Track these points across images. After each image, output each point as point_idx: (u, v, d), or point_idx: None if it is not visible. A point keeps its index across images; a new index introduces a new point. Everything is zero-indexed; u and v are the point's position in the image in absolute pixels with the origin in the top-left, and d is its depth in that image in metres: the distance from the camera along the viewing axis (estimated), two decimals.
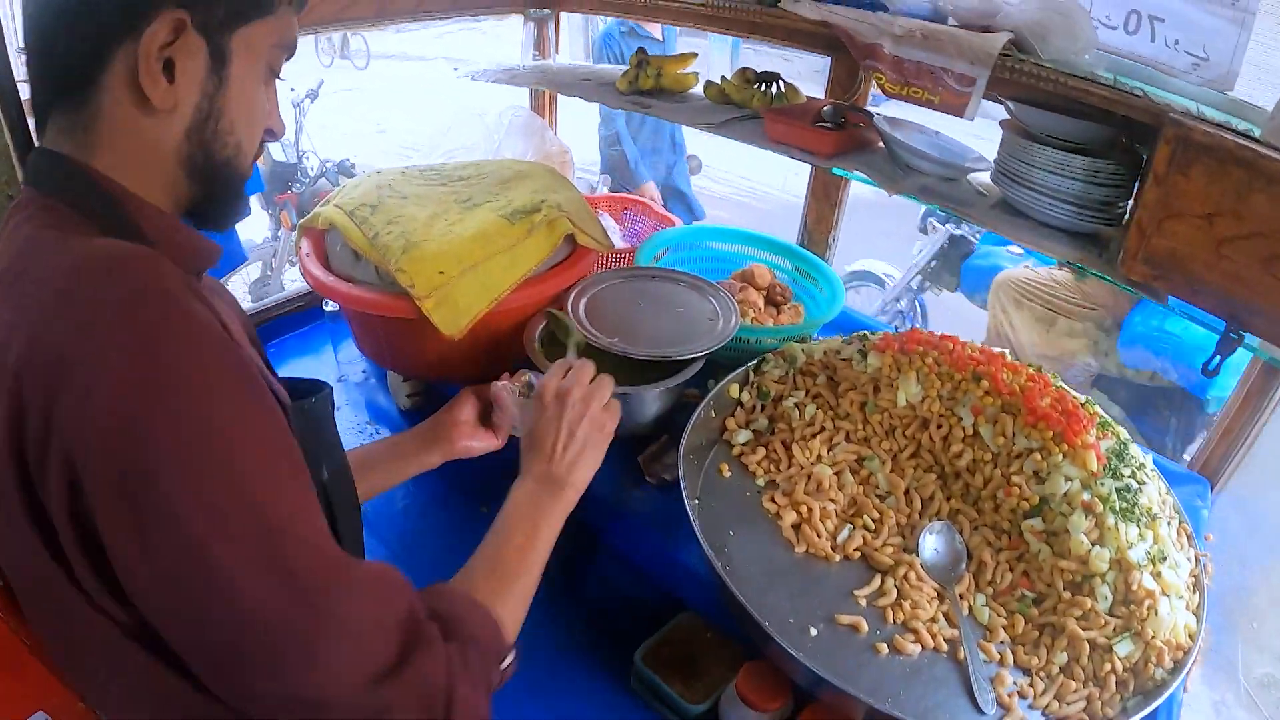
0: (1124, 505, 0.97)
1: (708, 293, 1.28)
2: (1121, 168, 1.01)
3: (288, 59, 0.71)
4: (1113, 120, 1.01)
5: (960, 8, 1.20)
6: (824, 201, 1.48)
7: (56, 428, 0.48)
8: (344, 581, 0.54)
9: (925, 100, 1.04)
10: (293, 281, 3.61)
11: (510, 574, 0.74)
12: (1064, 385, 1.14)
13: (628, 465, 1.16)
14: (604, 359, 1.03)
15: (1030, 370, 1.14)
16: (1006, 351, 1.20)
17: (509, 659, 0.69)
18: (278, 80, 0.72)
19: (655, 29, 3.17)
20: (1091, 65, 1.03)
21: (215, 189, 0.67)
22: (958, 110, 1.02)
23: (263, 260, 3.69)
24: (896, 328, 1.32)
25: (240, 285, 3.67)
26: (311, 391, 0.77)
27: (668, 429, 1.19)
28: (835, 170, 1.18)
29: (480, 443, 1.05)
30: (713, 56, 6.51)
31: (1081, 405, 1.10)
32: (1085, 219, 1.04)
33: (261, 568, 0.50)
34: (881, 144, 1.27)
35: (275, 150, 3.84)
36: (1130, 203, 1.05)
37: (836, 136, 1.19)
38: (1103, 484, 0.98)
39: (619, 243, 1.64)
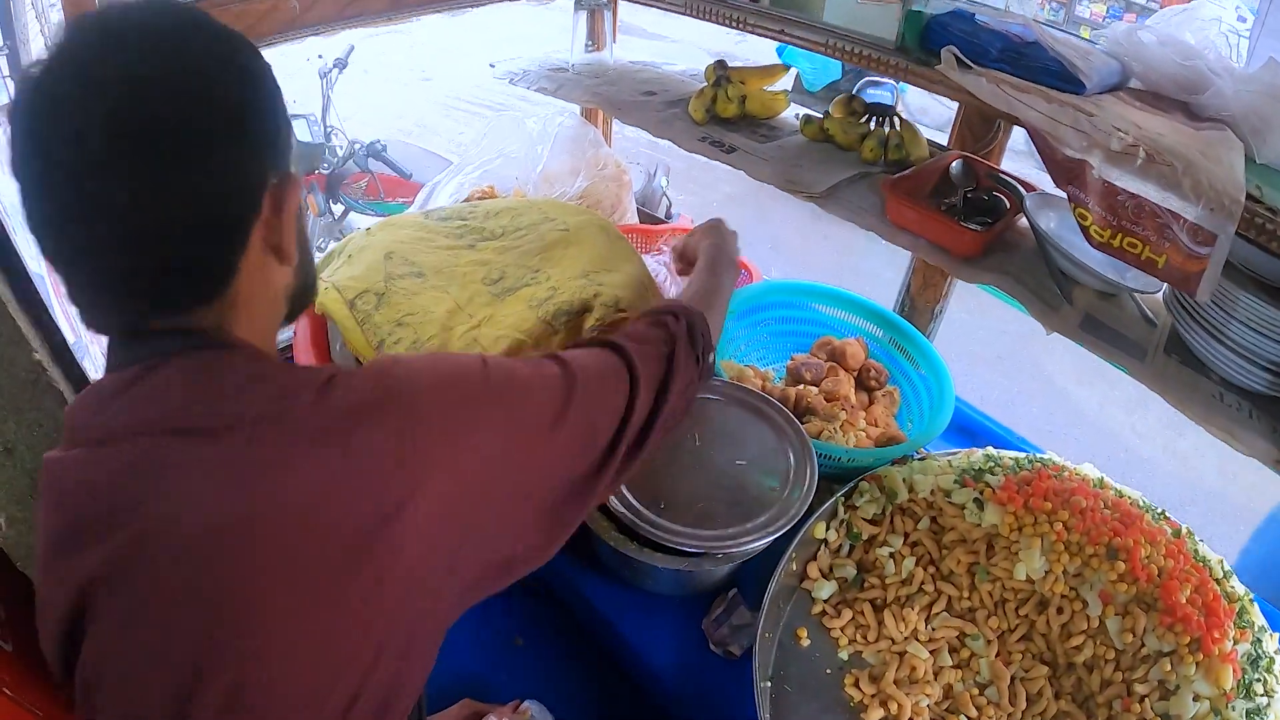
0: None
1: (778, 424, 1.09)
2: None
3: None
4: None
5: (1156, 71, 0.91)
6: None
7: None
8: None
9: (1146, 259, 0.74)
10: None
11: (705, 303, 0.89)
12: (1205, 552, 0.99)
13: (689, 630, 1.02)
14: None
15: (1169, 536, 0.98)
16: (1139, 499, 1.03)
17: (711, 357, 0.85)
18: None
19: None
20: None
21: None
22: (1187, 284, 0.72)
23: None
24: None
25: None
26: None
27: (733, 582, 1.05)
28: (980, 286, 0.93)
29: None
30: None
31: (1220, 582, 0.96)
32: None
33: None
34: (1024, 219, 1.02)
35: (301, 130, 3.28)
36: None
37: (983, 238, 0.94)
38: (1233, 708, 0.86)
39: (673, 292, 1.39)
